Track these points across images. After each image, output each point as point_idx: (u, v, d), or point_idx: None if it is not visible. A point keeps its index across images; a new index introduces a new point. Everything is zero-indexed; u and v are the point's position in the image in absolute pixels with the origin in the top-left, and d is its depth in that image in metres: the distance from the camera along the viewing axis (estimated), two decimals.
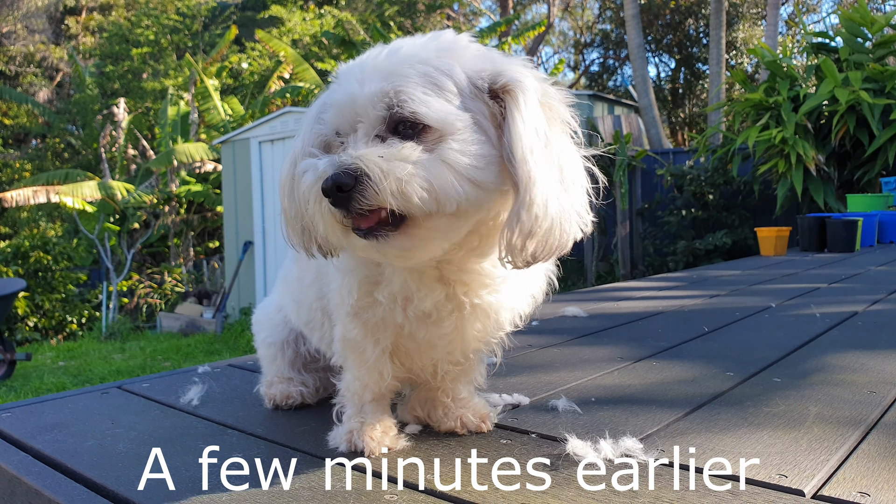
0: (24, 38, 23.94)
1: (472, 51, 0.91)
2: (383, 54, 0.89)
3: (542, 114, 0.87)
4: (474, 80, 0.87)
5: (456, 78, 0.86)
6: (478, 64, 0.89)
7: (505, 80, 0.87)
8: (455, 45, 0.91)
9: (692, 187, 9.06)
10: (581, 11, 28.30)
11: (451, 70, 0.87)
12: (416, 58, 0.87)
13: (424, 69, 0.85)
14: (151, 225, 15.14)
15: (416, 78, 0.84)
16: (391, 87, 0.84)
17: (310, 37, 20.70)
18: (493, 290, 1.00)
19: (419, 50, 0.89)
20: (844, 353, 1.68)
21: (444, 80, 0.86)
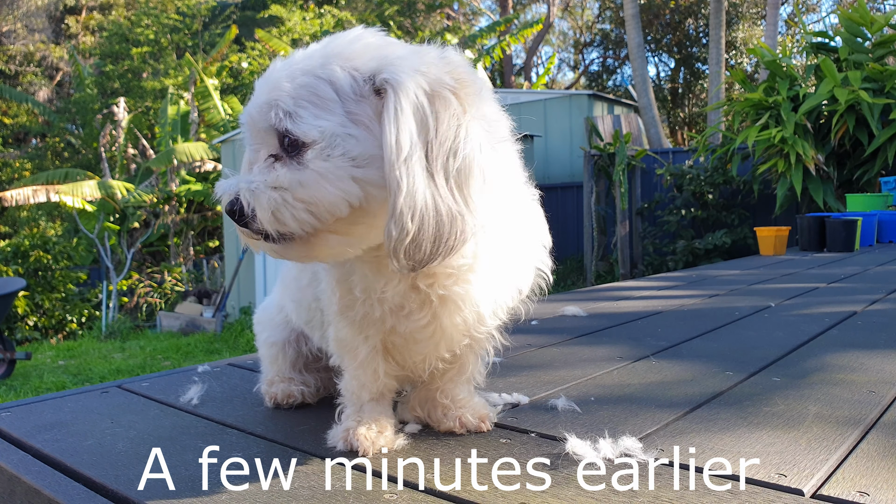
0: (23, 37, 23.94)
1: (363, 48, 0.90)
2: (277, 65, 0.91)
3: (425, 114, 0.84)
4: (357, 81, 0.87)
5: (337, 83, 0.86)
6: (365, 63, 0.88)
7: (380, 79, 0.85)
8: (347, 46, 0.90)
9: (692, 187, 9.07)
10: (581, 11, 28.29)
11: (332, 75, 0.87)
12: (300, 67, 0.88)
13: (304, 80, 0.87)
14: (151, 224, 15.14)
15: (292, 91, 0.86)
16: (270, 103, 0.88)
17: (310, 36, 20.69)
18: (461, 281, 0.97)
19: (307, 58, 0.90)
20: (844, 352, 1.69)
21: (322, 88, 0.86)
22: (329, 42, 0.92)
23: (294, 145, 0.87)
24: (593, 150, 10.05)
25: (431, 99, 0.85)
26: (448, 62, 0.90)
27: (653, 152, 10.44)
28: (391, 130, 0.82)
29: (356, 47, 0.90)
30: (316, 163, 0.86)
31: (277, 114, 0.86)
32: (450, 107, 0.85)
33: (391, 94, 0.83)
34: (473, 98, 0.88)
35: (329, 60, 0.88)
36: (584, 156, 10.20)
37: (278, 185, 0.87)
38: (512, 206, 1.00)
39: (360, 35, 0.92)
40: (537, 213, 1.08)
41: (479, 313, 1.01)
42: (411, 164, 0.81)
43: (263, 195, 0.87)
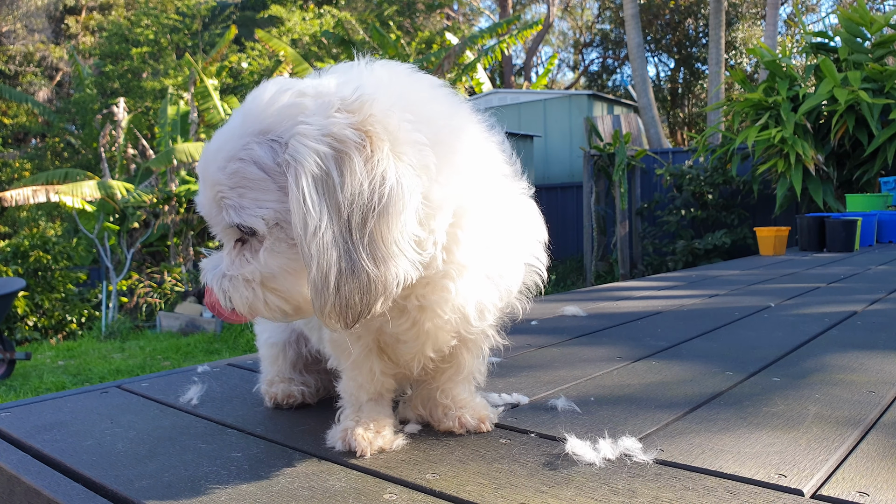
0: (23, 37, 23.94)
1: (276, 113, 0.88)
2: (209, 151, 0.92)
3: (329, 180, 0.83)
4: (278, 153, 0.86)
5: (260, 162, 0.86)
6: (279, 132, 0.87)
7: (286, 154, 0.85)
8: (261, 114, 0.88)
9: (691, 187, 9.08)
10: (580, 11, 28.30)
11: (252, 155, 0.87)
12: (225, 153, 0.88)
13: (234, 166, 0.87)
14: (151, 224, 15.13)
15: (228, 181, 0.88)
16: (216, 195, 0.90)
17: (309, 36, 20.70)
18: (438, 289, 0.96)
19: (229, 139, 0.89)
20: (844, 352, 1.69)
21: (250, 170, 0.87)
22: (246, 112, 0.91)
23: (250, 231, 0.90)
24: (593, 150, 10.06)
25: (338, 162, 0.83)
26: (360, 106, 0.86)
27: (652, 152, 10.45)
28: (296, 210, 0.82)
29: (269, 115, 0.88)
30: (271, 259, 0.90)
31: (227, 210, 0.89)
32: (355, 167, 0.83)
33: (292, 174, 0.83)
34: (387, 139, 0.86)
35: (247, 139, 0.88)
36: (583, 156, 10.20)
37: (250, 279, 0.92)
38: (491, 204, 0.99)
39: (273, 97, 0.89)
40: (529, 207, 1.07)
41: (463, 315, 0.99)
42: (318, 236, 0.82)
43: (237, 294, 0.92)
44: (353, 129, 0.85)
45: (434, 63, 15.34)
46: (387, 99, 0.89)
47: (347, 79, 0.93)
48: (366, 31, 17.61)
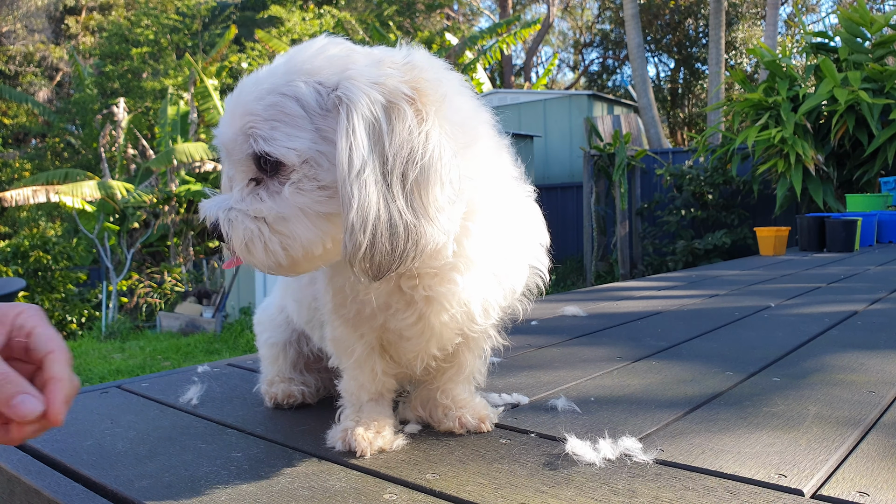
0: (23, 37, 23.95)
1: (325, 61, 0.88)
2: (246, 85, 0.90)
3: (379, 127, 0.83)
4: (322, 96, 0.86)
5: (303, 100, 0.86)
6: (328, 77, 0.87)
7: (335, 95, 0.85)
8: (309, 60, 0.88)
9: (691, 187, 9.08)
10: (580, 11, 28.31)
11: (297, 92, 0.86)
12: (266, 86, 0.87)
13: (273, 99, 0.86)
14: (151, 224, 15.14)
15: (263, 112, 0.86)
16: (245, 125, 0.87)
17: (309, 36, 20.67)
18: (445, 281, 0.96)
19: (271, 75, 0.89)
20: (844, 352, 1.69)
21: (290, 106, 0.86)
22: (292, 56, 0.91)
23: (273, 167, 0.87)
24: (593, 151, 10.06)
25: (387, 111, 0.84)
26: (410, 69, 0.88)
27: (652, 152, 10.45)
28: (343, 147, 0.81)
29: (318, 61, 0.88)
30: (295, 196, 0.87)
31: (255, 138, 0.86)
32: (405, 118, 0.84)
33: (343, 111, 0.83)
34: (435, 104, 0.87)
35: (292, 76, 0.87)
36: (583, 156, 10.21)
37: (259, 216, 0.88)
38: (501, 204, 0.99)
39: (323, 47, 0.90)
40: (533, 210, 1.07)
41: (468, 312, 0.99)
42: (363, 178, 0.81)
43: (240, 225, 0.89)
44: (405, 83, 0.86)
45: None
46: (433, 72, 0.90)
47: (392, 51, 0.94)
48: (366, 32, 17.62)
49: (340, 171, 0.82)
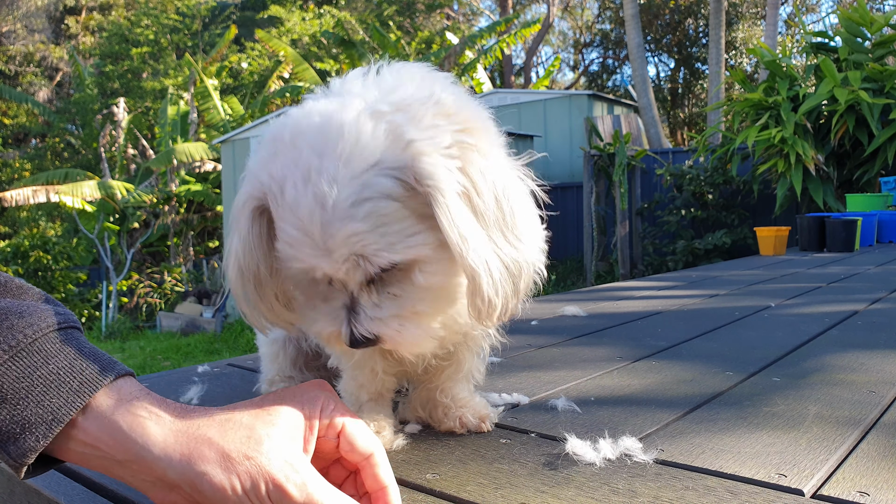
0: (23, 37, 23.95)
1: (381, 142, 0.82)
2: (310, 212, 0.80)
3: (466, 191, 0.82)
4: (400, 180, 0.82)
5: (391, 193, 0.81)
6: (394, 159, 0.82)
7: (421, 181, 0.80)
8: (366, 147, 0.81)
9: (691, 187, 9.08)
10: (580, 11, 28.32)
11: (381, 189, 0.81)
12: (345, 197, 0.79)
13: (366, 209, 0.80)
14: (151, 224, 15.15)
15: (364, 226, 0.80)
16: (352, 251, 0.81)
17: (309, 36, 20.71)
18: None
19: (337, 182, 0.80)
20: (844, 352, 1.69)
21: (385, 206, 0.81)
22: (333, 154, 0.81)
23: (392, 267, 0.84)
24: (593, 151, 10.06)
25: (465, 171, 0.83)
26: (458, 116, 0.86)
27: (653, 152, 10.45)
28: (449, 230, 0.80)
29: (369, 145, 0.81)
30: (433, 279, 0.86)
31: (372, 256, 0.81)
32: (479, 166, 0.84)
33: (435, 197, 0.80)
34: (485, 136, 0.87)
35: (362, 178, 0.80)
36: (583, 156, 10.21)
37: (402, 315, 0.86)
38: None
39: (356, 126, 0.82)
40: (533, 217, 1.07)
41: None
42: (478, 248, 0.81)
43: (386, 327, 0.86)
44: (463, 132, 0.84)
45: (434, 63, 15.35)
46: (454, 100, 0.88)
47: (390, 85, 0.89)
48: (366, 31, 17.62)
49: (456, 251, 0.81)
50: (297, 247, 0.82)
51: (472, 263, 0.81)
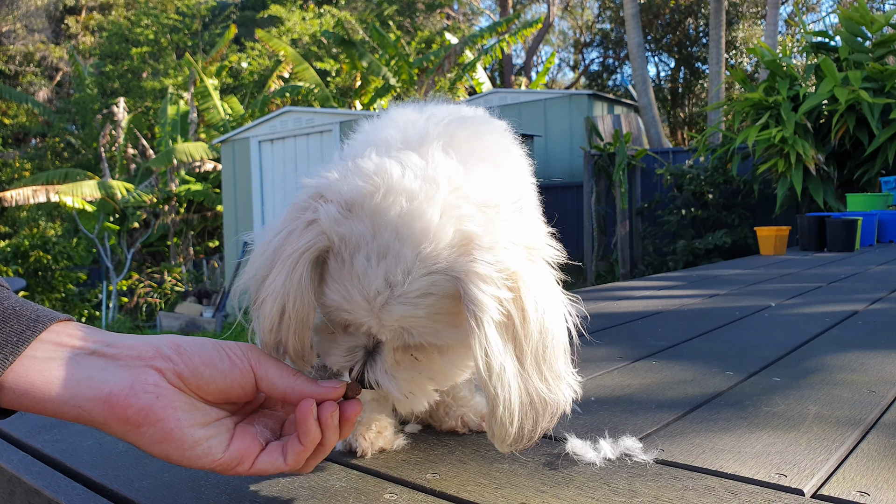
0: (23, 37, 23.96)
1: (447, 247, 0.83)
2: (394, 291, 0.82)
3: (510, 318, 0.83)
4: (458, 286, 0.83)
5: (448, 294, 0.83)
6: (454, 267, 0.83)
7: (465, 301, 0.81)
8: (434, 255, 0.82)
9: (692, 187, 9.08)
10: (581, 11, 28.31)
11: (441, 289, 0.83)
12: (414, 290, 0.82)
13: (428, 302, 0.83)
14: (151, 224, 15.15)
15: (423, 313, 0.83)
16: (404, 328, 0.84)
17: (309, 36, 20.71)
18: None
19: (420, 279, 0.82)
20: (844, 352, 1.69)
21: (443, 303, 0.84)
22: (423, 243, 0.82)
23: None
24: (593, 150, 10.06)
25: (517, 301, 0.83)
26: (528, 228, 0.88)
27: (653, 152, 10.45)
28: (480, 355, 0.81)
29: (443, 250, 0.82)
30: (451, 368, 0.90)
31: (416, 334, 0.85)
32: (531, 294, 0.83)
33: (472, 320, 0.81)
34: (543, 257, 0.88)
35: (432, 277, 0.83)
36: (584, 156, 10.21)
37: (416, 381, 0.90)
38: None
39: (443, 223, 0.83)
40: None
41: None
42: (504, 377, 0.82)
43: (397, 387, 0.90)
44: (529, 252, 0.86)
45: (434, 63, 15.35)
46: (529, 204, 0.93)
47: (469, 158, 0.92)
48: (366, 31, 17.61)
49: (480, 377, 0.82)
50: (352, 305, 0.84)
51: (493, 392, 0.82)
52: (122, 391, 0.68)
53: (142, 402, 0.68)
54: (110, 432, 0.70)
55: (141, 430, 0.68)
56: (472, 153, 0.94)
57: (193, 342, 0.75)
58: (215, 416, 0.74)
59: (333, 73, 18.91)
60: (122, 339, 0.73)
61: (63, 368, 0.68)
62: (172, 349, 0.72)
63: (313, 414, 0.76)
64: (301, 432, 0.75)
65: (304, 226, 0.87)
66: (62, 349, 0.69)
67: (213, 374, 0.73)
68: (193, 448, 0.70)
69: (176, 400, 0.70)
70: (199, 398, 0.73)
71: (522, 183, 1.00)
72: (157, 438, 0.69)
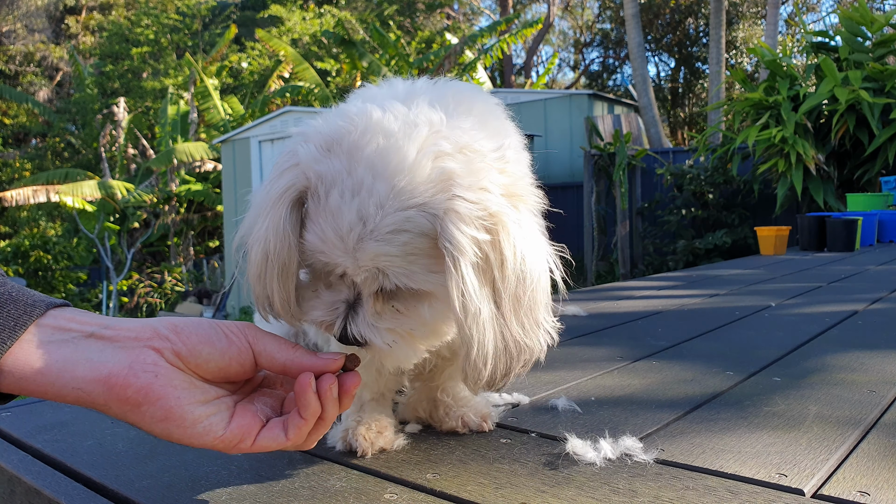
0: (23, 37, 23.95)
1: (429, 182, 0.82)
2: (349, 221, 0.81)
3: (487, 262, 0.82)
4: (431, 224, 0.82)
5: (426, 232, 0.82)
6: (433, 203, 0.82)
7: (442, 241, 0.81)
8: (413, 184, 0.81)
9: (692, 187, 9.07)
10: (581, 11, 28.31)
11: (421, 227, 0.82)
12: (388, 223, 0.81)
13: (403, 238, 0.82)
14: (151, 224, 15.16)
15: (397, 251, 0.82)
16: (378, 264, 0.82)
17: (309, 36, 20.71)
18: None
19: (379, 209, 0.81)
20: (844, 352, 1.69)
21: (419, 241, 0.82)
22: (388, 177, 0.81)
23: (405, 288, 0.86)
24: (593, 150, 10.06)
25: (494, 243, 0.82)
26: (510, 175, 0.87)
27: (653, 152, 10.45)
28: (456, 296, 0.80)
29: (421, 185, 0.82)
30: (434, 316, 0.88)
31: (392, 275, 0.83)
32: (511, 239, 0.82)
33: (450, 260, 0.80)
34: (527, 204, 0.88)
35: (408, 212, 0.81)
36: (584, 156, 10.21)
37: (398, 332, 0.88)
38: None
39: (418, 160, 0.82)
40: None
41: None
42: (479, 320, 0.82)
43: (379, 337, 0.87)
44: (510, 198, 0.85)
45: (434, 63, 15.35)
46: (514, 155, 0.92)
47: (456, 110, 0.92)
48: (366, 31, 17.62)
49: (457, 315, 0.81)
50: (327, 245, 0.83)
51: (468, 334, 0.82)
52: (121, 371, 0.68)
53: (141, 381, 0.68)
54: (111, 414, 0.70)
55: (141, 410, 0.68)
56: (458, 108, 0.93)
57: (190, 322, 0.75)
58: (215, 395, 0.74)
59: (333, 73, 18.92)
60: (119, 322, 0.73)
61: (62, 351, 0.68)
62: (170, 329, 0.72)
63: (312, 387, 0.75)
64: (301, 405, 0.75)
65: (279, 174, 0.88)
66: (60, 332, 0.70)
67: (210, 352, 0.73)
68: (194, 426, 0.70)
69: (175, 378, 0.70)
70: (197, 377, 0.73)
71: (510, 142, 0.96)
72: (157, 417, 0.69)
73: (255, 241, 0.88)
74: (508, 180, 0.86)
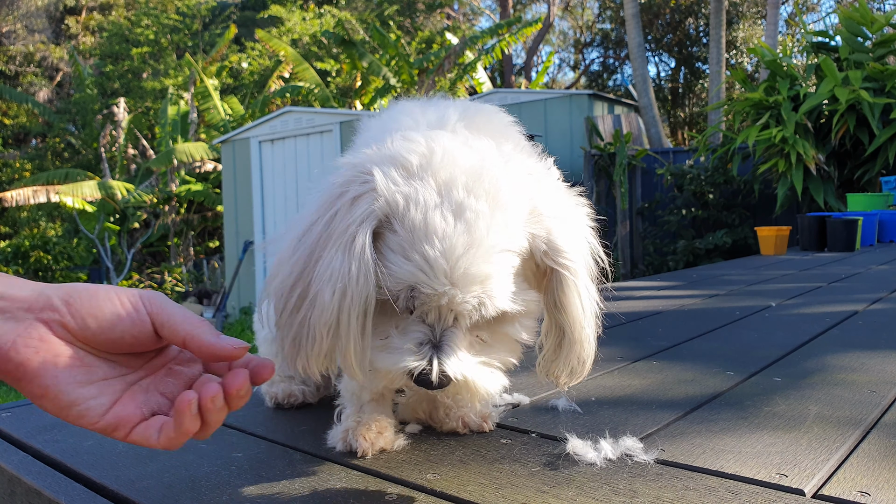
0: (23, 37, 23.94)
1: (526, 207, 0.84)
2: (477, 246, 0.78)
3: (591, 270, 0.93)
4: (531, 247, 0.85)
5: (522, 252, 0.84)
6: (537, 231, 0.85)
7: (558, 258, 0.85)
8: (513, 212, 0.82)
9: (692, 187, 9.07)
10: (581, 11, 28.29)
11: (517, 245, 0.83)
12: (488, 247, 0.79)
13: (503, 258, 0.81)
14: (151, 224, 15.15)
15: (503, 274, 0.81)
16: (486, 293, 0.80)
17: (309, 36, 20.70)
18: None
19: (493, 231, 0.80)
20: (845, 352, 1.68)
21: (515, 261, 0.83)
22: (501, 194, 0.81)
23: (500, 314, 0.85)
24: (593, 150, 10.06)
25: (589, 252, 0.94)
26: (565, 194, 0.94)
27: (653, 152, 10.44)
28: (577, 310, 0.89)
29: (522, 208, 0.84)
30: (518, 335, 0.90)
31: (497, 299, 0.81)
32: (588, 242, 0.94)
33: (565, 272, 0.87)
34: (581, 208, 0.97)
35: (509, 230, 0.81)
36: (584, 155, 10.21)
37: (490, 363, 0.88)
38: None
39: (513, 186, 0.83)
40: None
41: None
42: (593, 320, 0.92)
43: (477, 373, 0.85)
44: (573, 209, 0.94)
45: (434, 63, 15.34)
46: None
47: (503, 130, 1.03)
48: (366, 31, 17.62)
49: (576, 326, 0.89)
50: (429, 272, 0.77)
51: (582, 334, 0.90)
52: (4, 345, 0.65)
53: (21, 356, 0.66)
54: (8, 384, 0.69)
55: (21, 385, 0.67)
56: (493, 134, 0.97)
57: (87, 291, 0.71)
58: (102, 376, 0.70)
59: (334, 74, 18.92)
60: (14, 289, 0.69)
61: None
62: (62, 300, 0.69)
63: (192, 409, 0.69)
64: (177, 422, 0.70)
65: (351, 201, 0.81)
66: None
67: (99, 325, 0.69)
68: (70, 408, 0.67)
69: (60, 355, 0.67)
70: (90, 349, 0.70)
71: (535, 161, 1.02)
72: (35, 394, 0.67)
73: (328, 281, 0.78)
74: (569, 200, 0.94)
